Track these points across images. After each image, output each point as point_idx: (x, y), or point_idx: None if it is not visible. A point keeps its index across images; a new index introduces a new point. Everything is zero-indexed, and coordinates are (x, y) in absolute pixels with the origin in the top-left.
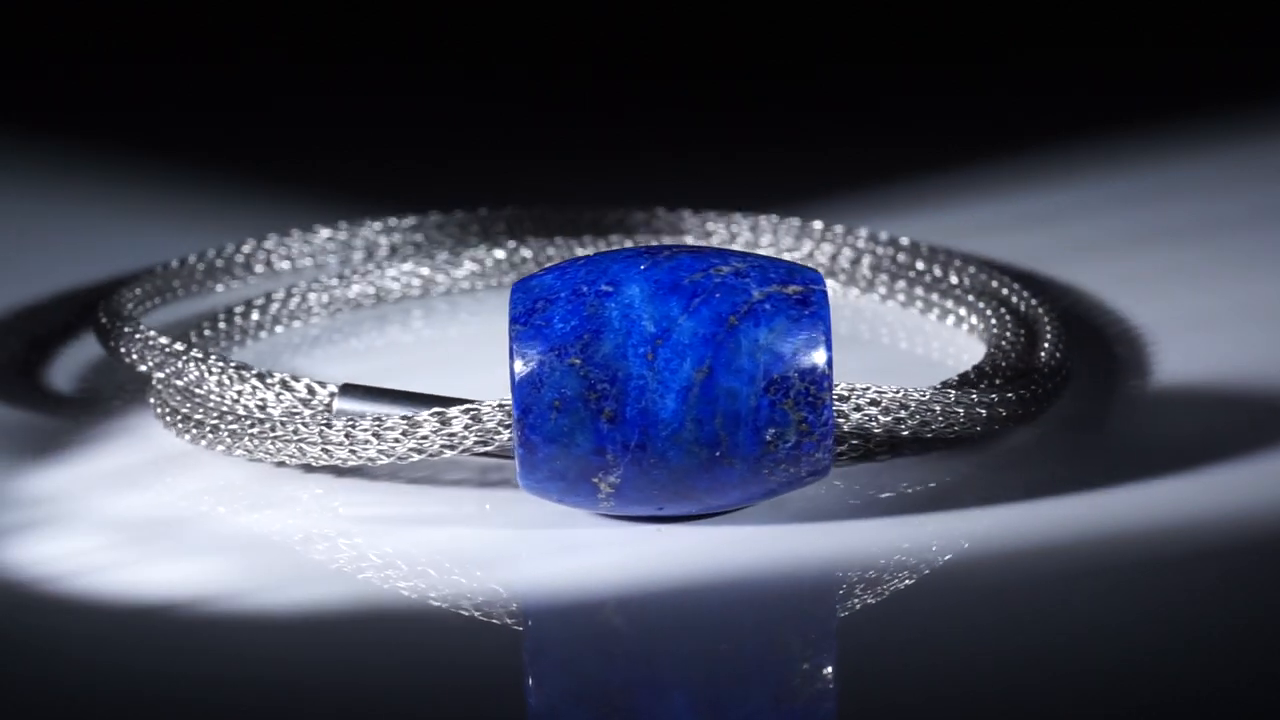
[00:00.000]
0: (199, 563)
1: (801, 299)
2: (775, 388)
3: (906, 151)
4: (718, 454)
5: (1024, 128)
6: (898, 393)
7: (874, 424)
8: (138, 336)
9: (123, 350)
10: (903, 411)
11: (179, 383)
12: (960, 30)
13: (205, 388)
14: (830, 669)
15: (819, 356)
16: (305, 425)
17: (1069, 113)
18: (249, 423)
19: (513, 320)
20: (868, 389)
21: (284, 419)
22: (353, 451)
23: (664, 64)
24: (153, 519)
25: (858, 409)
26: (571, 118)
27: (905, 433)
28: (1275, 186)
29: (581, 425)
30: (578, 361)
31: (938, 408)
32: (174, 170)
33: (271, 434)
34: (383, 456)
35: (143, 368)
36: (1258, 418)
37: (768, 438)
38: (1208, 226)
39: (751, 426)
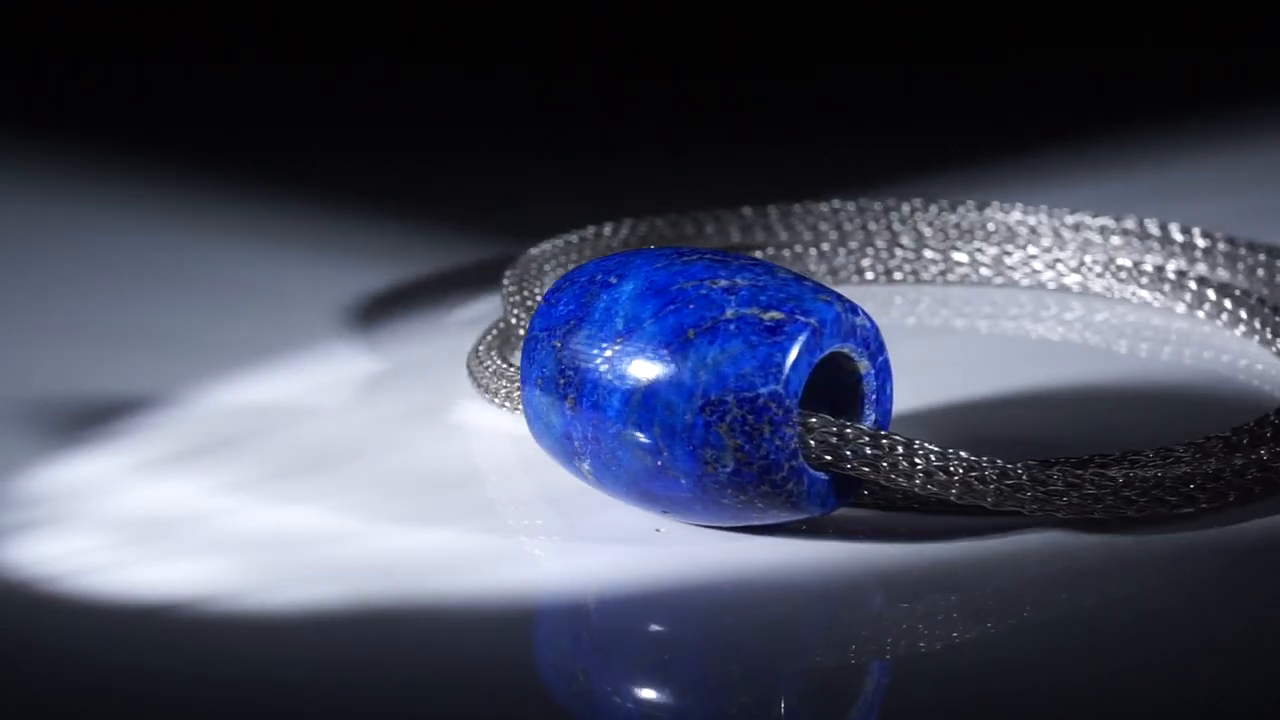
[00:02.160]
0: (199, 563)
1: (773, 326)
2: (711, 409)
3: (906, 152)
4: (659, 463)
5: (1024, 128)
6: (909, 449)
7: (880, 478)
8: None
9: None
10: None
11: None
12: (960, 30)
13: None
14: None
15: (764, 386)
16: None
17: (1069, 112)
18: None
19: (544, 298)
20: (880, 438)
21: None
22: None
23: (664, 64)
24: (153, 519)
25: (865, 460)
26: (571, 118)
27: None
28: (1274, 187)
29: (554, 406)
30: (558, 344)
31: (960, 475)
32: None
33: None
34: None
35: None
36: None
37: (705, 458)
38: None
39: (687, 443)
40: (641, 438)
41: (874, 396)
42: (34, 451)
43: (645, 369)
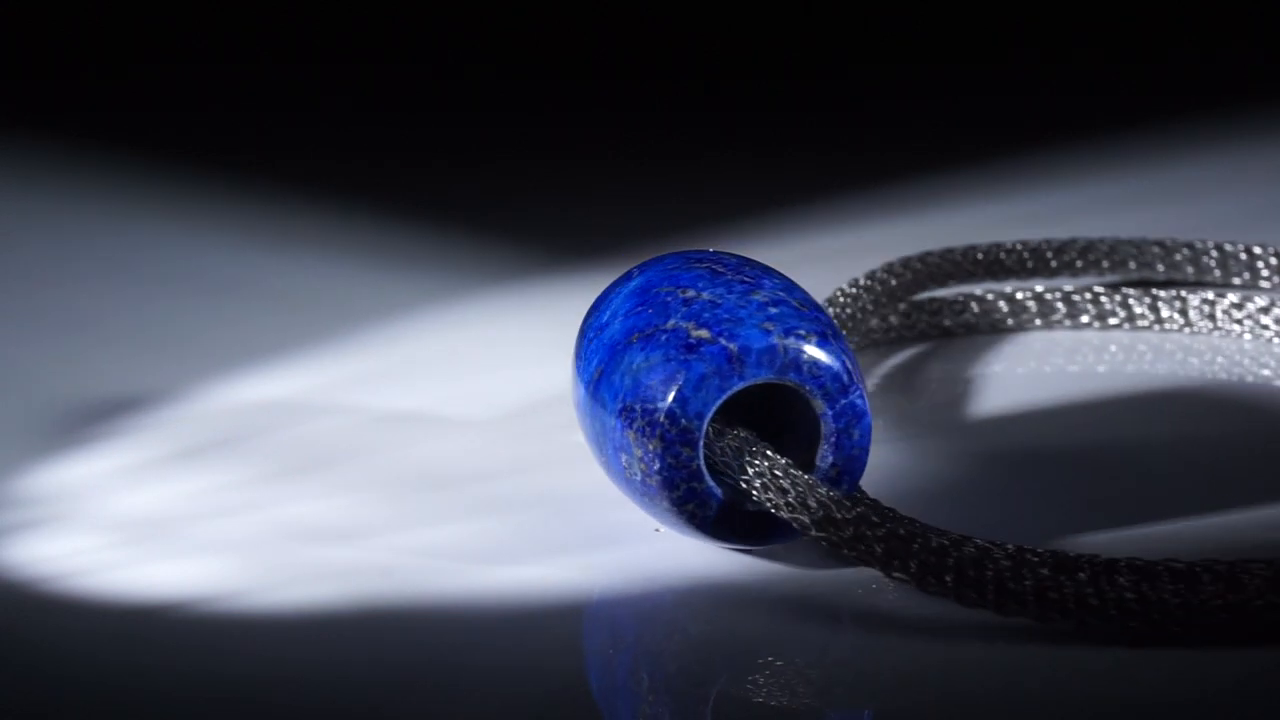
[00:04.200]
0: (199, 563)
1: (694, 344)
2: (626, 414)
3: (906, 153)
4: (604, 458)
5: (1022, 128)
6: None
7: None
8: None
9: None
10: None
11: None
12: (957, 31)
13: None
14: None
15: (662, 401)
16: None
17: (1069, 113)
18: None
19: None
20: (771, 466)
21: None
22: None
23: (662, 65)
24: (153, 519)
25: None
26: (567, 118)
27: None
28: (1273, 187)
29: (573, 381)
30: (583, 327)
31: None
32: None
33: None
34: None
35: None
36: None
37: (623, 461)
38: (1206, 227)
39: (611, 443)
40: (591, 429)
41: (834, 439)
42: (34, 451)
43: (600, 364)
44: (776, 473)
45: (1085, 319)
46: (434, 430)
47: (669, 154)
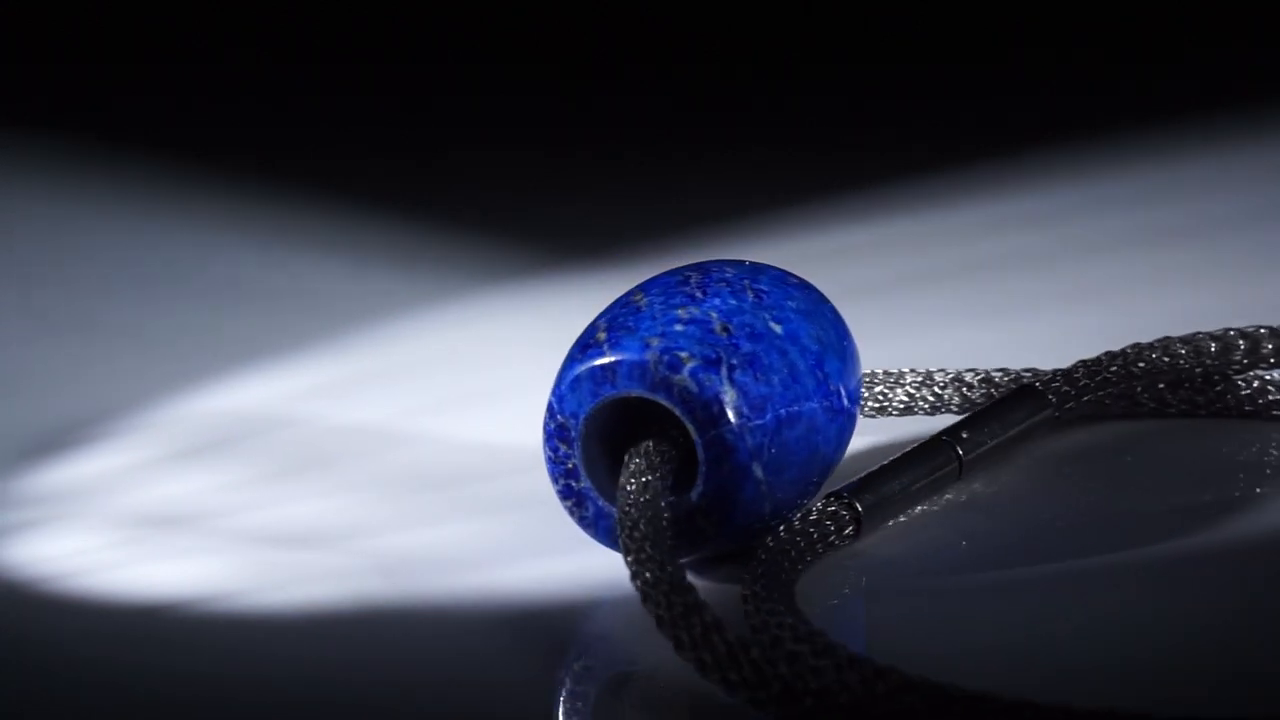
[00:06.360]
0: (199, 563)
1: (590, 345)
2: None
3: (906, 152)
4: None
5: (1022, 128)
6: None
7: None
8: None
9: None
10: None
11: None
12: (957, 30)
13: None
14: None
15: (551, 394)
16: None
17: (1069, 113)
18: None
19: None
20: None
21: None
22: None
23: (662, 65)
24: (153, 518)
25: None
26: (567, 118)
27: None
28: (1273, 187)
29: None
30: None
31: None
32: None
33: None
34: None
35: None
36: None
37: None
38: (1206, 227)
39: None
40: None
41: (704, 469)
42: (34, 451)
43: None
44: (630, 484)
45: None
46: (434, 430)
47: (669, 154)
